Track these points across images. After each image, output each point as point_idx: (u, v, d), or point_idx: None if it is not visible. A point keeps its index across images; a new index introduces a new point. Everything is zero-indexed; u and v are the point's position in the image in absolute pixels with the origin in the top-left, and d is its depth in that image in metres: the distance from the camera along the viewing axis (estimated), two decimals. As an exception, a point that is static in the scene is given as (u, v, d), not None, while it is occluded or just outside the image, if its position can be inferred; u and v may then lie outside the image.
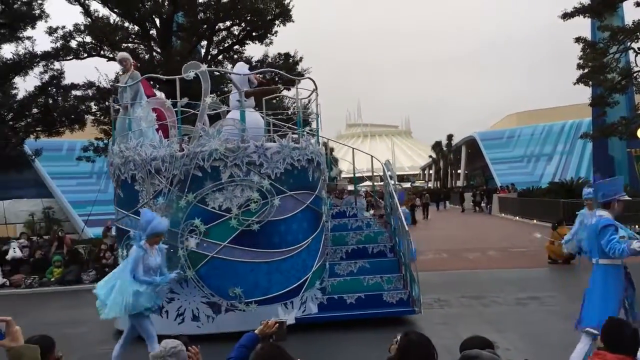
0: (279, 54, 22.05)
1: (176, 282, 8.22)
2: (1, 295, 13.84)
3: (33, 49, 21.17)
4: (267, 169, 8.45)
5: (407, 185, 74.41)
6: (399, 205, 9.44)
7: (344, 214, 10.72)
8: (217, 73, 17.51)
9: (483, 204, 39.30)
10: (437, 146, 75.99)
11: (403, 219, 9.13)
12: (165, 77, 8.84)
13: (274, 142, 8.96)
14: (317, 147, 9.38)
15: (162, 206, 8.26)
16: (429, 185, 77.05)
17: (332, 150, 73.95)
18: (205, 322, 8.20)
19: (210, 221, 8.23)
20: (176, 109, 8.78)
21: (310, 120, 23.45)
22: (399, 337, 3.10)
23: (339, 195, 22.01)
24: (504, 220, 30.52)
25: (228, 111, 9.85)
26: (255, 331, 3.44)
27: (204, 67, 9.15)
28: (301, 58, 22.17)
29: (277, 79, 18.00)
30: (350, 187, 62.34)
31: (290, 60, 21.96)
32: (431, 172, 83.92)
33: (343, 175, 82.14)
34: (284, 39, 22.69)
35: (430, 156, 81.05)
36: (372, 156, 12.05)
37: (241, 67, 10.55)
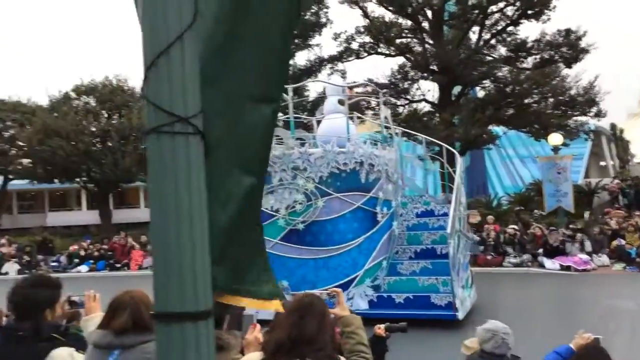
0: (558, 30, 20.63)
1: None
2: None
3: (321, 54, 24.94)
4: (310, 173, 9.13)
5: None
6: None
7: (432, 213, 10.48)
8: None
9: None
10: None
11: None
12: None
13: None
14: (369, 150, 9.52)
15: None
16: None
17: (621, 131, 64.61)
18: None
19: (264, 220, 9.32)
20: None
21: (597, 100, 21.35)
22: None
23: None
24: None
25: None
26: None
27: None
28: (585, 32, 20.33)
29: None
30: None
31: (572, 37, 20.47)
32: None
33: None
34: (562, 13, 20.86)
35: None
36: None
37: (336, 80, 11.48)
